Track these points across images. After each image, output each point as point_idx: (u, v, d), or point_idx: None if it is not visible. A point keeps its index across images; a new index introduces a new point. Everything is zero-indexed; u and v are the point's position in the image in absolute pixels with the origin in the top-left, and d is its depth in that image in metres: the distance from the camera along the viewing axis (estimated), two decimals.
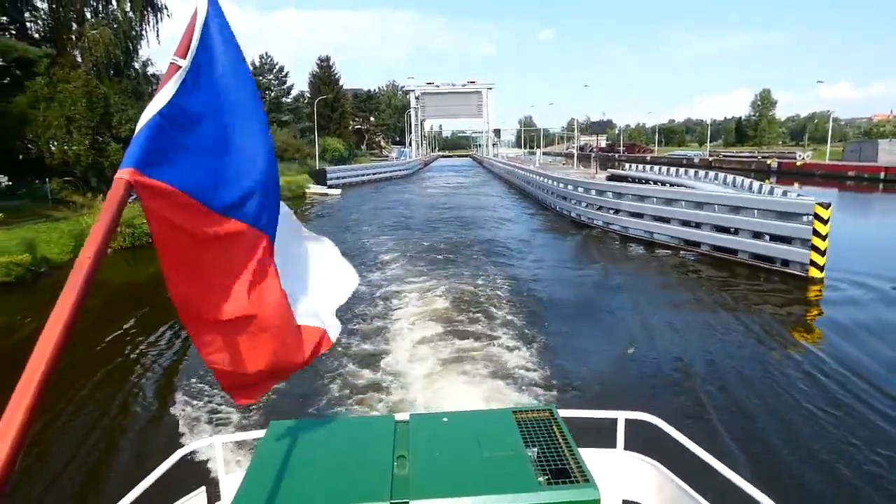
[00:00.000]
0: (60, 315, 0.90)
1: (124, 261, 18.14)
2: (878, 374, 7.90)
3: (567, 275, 14.76)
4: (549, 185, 28.85)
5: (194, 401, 7.58)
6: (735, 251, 15.03)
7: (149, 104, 1.17)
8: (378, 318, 10.83)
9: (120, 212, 1.05)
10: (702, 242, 16.18)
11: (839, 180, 45.09)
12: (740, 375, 8.03)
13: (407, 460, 2.23)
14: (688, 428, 3.55)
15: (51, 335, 0.88)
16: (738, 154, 71.05)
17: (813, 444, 6.22)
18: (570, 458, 2.19)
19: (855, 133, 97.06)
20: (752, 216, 14.58)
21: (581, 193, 23.62)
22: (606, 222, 20.94)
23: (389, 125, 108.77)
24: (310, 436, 2.46)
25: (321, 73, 79.39)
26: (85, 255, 0.98)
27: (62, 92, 24.43)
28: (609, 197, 20.87)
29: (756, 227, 14.43)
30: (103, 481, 6.06)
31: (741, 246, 14.83)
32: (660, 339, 9.61)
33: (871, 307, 11.18)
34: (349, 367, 8.38)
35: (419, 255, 17.34)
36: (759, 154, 65.09)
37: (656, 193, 18.78)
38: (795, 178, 50.21)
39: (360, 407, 7.13)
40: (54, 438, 6.81)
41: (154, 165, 1.14)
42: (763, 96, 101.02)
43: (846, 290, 12.21)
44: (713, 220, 15.82)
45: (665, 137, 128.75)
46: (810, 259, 12.72)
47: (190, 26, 1.32)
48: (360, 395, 7.52)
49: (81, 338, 8.92)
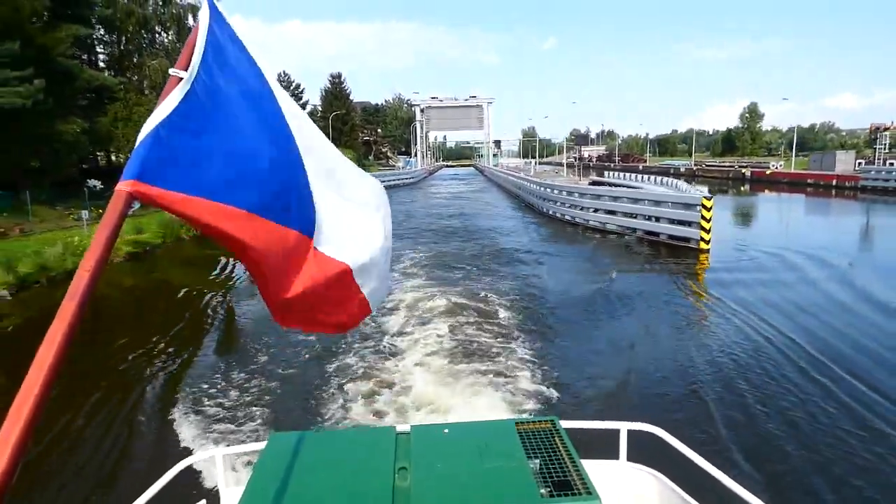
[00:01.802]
0: (59, 328, 0.89)
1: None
2: (724, 281, 13.58)
3: (541, 248, 20.31)
4: (532, 188, 34.50)
5: (195, 413, 7.62)
6: (658, 233, 20.45)
7: (149, 117, 1.18)
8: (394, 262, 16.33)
9: (120, 224, 1.05)
10: (637, 228, 21.63)
11: (800, 186, 50.40)
12: (654, 293, 13.42)
13: (408, 472, 2.23)
14: (621, 304, 8.44)
15: (49, 349, 0.87)
16: (720, 164, 76.54)
17: (678, 308, 11.68)
18: (573, 470, 2.17)
19: (850, 144, 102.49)
20: (668, 207, 20.05)
21: (555, 195, 29.17)
22: (573, 216, 26.43)
23: (396, 136, 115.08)
24: (310, 448, 2.46)
25: (333, 89, 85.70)
26: (84, 267, 0.97)
27: (136, 113, 30.26)
28: (575, 197, 26.40)
29: (669, 216, 19.88)
30: (104, 494, 6.11)
31: (661, 229, 20.26)
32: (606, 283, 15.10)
33: (736, 262, 16.69)
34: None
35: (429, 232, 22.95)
36: (736, 164, 70.49)
37: (607, 193, 24.29)
38: (766, 185, 55.70)
39: (360, 414, 7.37)
40: (53, 451, 6.82)
41: (161, 175, 1.14)
42: (751, 109, 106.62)
43: (724, 253, 17.72)
44: (643, 212, 21.29)
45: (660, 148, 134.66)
46: (700, 236, 18.13)
47: (191, 39, 1.34)
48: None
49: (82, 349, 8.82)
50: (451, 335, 10.30)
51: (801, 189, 49.25)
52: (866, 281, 14.09)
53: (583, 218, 25.36)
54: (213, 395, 8.18)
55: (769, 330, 10.40)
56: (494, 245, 21.28)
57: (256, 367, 9.31)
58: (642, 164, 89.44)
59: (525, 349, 9.59)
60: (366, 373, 8.73)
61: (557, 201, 28.74)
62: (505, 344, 9.86)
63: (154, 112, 1.18)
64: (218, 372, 9.23)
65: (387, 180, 64.40)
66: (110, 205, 1.06)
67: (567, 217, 27.01)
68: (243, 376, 8.92)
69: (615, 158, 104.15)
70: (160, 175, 1.14)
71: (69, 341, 0.90)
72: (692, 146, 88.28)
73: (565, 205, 27.59)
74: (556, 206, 28.84)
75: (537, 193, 33.37)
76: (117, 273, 18.06)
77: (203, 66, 1.30)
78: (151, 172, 1.13)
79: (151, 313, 14.41)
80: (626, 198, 22.63)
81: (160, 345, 10.94)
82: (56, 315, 0.91)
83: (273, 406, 7.75)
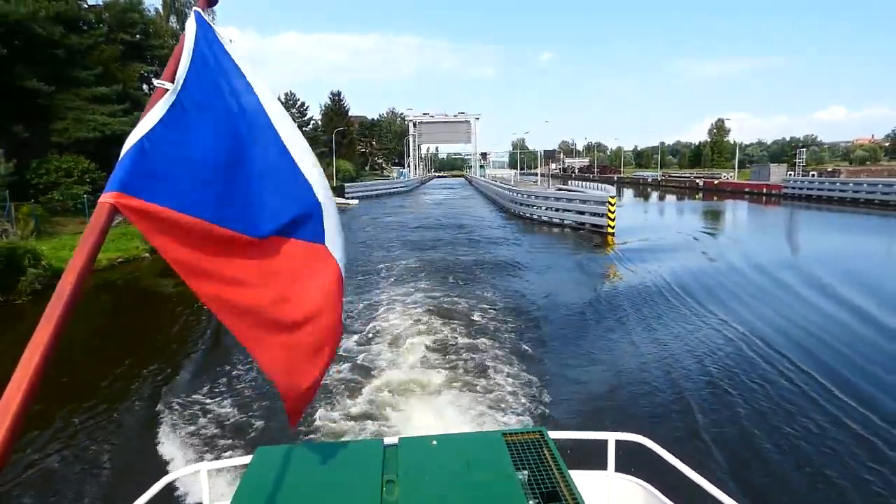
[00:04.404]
0: (39, 343, 0.88)
1: None
2: (622, 249, 21.36)
3: (507, 235, 28.21)
4: (505, 194, 42.61)
5: (179, 427, 7.45)
6: (584, 224, 28.38)
7: (134, 129, 1.17)
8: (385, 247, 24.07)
9: (103, 237, 1.03)
10: (572, 220, 29.58)
11: (740, 194, 58.62)
12: (578, 264, 20.42)
13: (396, 485, 2.22)
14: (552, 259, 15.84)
15: (28, 364, 0.86)
16: (680, 175, 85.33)
17: (580, 276, 19.51)
18: (561, 481, 2.19)
19: (830, 157, 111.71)
20: (590, 206, 28.05)
21: (519, 198, 37.20)
22: (530, 213, 34.39)
23: (390, 148, 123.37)
24: (297, 461, 2.43)
25: (333, 106, 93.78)
26: (66, 281, 0.94)
27: None
28: (532, 199, 34.44)
29: (591, 210, 27.85)
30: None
31: (587, 220, 28.19)
32: (548, 255, 22.96)
33: (633, 239, 24.65)
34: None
35: (418, 226, 30.81)
36: (692, 175, 79.14)
37: (553, 195, 32.31)
38: (714, 193, 63.84)
39: (349, 425, 7.20)
40: (31, 465, 6.64)
41: (145, 188, 1.12)
42: (717, 125, 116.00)
43: (626, 237, 25.70)
44: (576, 208, 29.27)
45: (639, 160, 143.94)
46: (607, 224, 26.06)
47: (177, 50, 1.32)
48: None
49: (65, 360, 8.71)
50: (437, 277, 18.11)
51: (740, 196, 57.28)
52: (709, 245, 22.27)
53: (537, 214, 33.37)
54: (198, 408, 7.96)
55: (638, 265, 18.38)
56: (471, 232, 29.19)
57: (242, 376, 9.18)
58: (616, 175, 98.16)
59: (489, 278, 17.41)
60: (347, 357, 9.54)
61: (521, 203, 36.78)
62: (470, 275, 17.70)
63: (139, 123, 1.19)
64: (203, 382, 9.06)
65: (384, 188, 72.46)
66: (93, 217, 1.05)
67: (526, 214, 35.02)
68: (229, 386, 8.82)
69: (594, 170, 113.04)
70: (144, 187, 1.14)
71: (49, 358, 0.88)
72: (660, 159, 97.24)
73: (524, 205, 35.63)
74: (519, 207, 36.86)
75: (507, 198, 41.38)
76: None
77: (189, 77, 1.31)
78: (135, 184, 1.12)
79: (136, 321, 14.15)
80: (565, 199, 30.68)
81: (142, 353, 10.80)
82: (35, 332, 0.89)
83: (260, 418, 7.58)
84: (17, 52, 24.62)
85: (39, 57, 25.62)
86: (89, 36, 28.75)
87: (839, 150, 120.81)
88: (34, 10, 25.20)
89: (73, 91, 27.47)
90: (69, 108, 26.92)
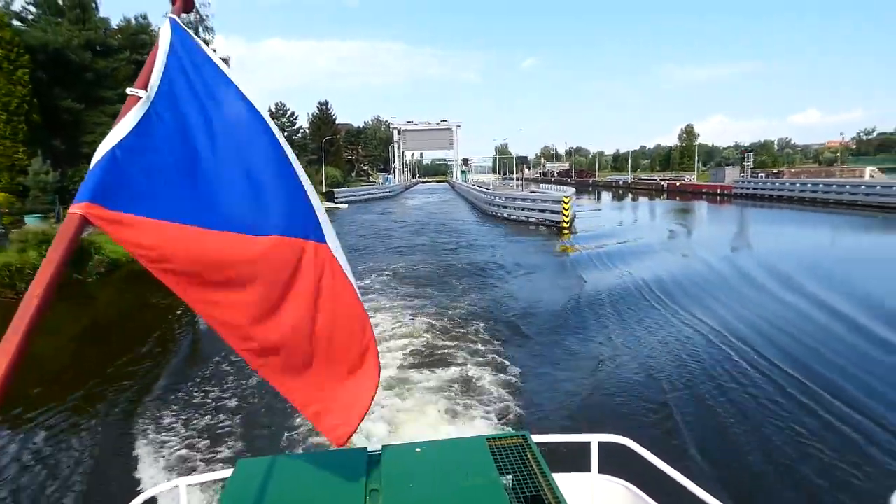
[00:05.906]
0: (6, 353, 0.86)
1: None
2: (577, 238, 26.31)
3: (482, 229, 32.81)
4: (481, 196, 47.39)
5: (156, 441, 7.23)
6: (545, 220, 33.09)
7: (105, 138, 1.14)
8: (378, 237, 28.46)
9: (72, 247, 1.01)
10: (531, 217, 34.29)
11: (699, 194, 63.85)
12: (535, 243, 25.76)
13: (380, 494, 2.20)
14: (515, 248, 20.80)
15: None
16: (649, 178, 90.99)
17: (545, 248, 24.12)
18: (544, 485, 2.21)
19: (801, 159, 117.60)
20: (549, 205, 32.79)
21: (493, 199, 41.95)
22: (501, 213, 39.10)
23: (376, 155, 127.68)
24: (279, 473, 2.41)
25: (321, 114, 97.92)
26: (33, 292, 0.92)
27: None
28: (502, 200, 39.21)
29: (550, 209, 32.58)
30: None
31: (546, 217, 32.90)
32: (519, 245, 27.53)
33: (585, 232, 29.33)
34: None
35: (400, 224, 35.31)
36: (659, 178, 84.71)
37: (519, 196, 37.11)
38: (677, 194, 68.83)
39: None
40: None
41: (117, 198, 1.10)
42: (687, 130, 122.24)
43: (580, 233, 30.40)
44: (538, 207, 34.01)
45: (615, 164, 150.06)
46: (562, 220, 30.76)
47: (151, 58, 1.30)
48: None
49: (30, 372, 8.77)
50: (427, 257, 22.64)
51: (699, 196, 62.42)
52: (640, 229, 27.24)
53: (506, 213, 38.12)
54: (175, 421, 7.79)
55: (583, 244, 23.38)
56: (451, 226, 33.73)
57: (225, 385, 9.01)
58: (592, 179, 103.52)
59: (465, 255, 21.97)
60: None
61: (493, 204, 41.53)
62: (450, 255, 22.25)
63: (111, 132, 1.15)
64: (181, 393, 8.86)
65: (370, 193, 76.80)
66: (61, 228, 1.03)
67: (498, 213, 39.76)
68: (211, 396, 8.63)
69: (571, 173, 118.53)
70: (116, 197, 1.11)
71: (15, 370, 0.87)
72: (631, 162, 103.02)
73: (496, 206, 40.41)
74: (492, 207, 41.60)
75: (483, 199, 46.12)
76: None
77: (163, 85, 1.29)
78: (106, 194, 1.09)
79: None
80: (529, 199, 35.50)
81: (122, 361, 10.61)
82: (0, 342, 0.88)
83: (238, 429, 7.42)
84: (55, 77, 28.68)
85: (72, 80, 29.68)
86: (114, 60, 32.80)
87: (811, 152, 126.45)
88: (68, 38, 29.29)
89: (99, 109, 31.49)
90: (97, 124, 30.89)
